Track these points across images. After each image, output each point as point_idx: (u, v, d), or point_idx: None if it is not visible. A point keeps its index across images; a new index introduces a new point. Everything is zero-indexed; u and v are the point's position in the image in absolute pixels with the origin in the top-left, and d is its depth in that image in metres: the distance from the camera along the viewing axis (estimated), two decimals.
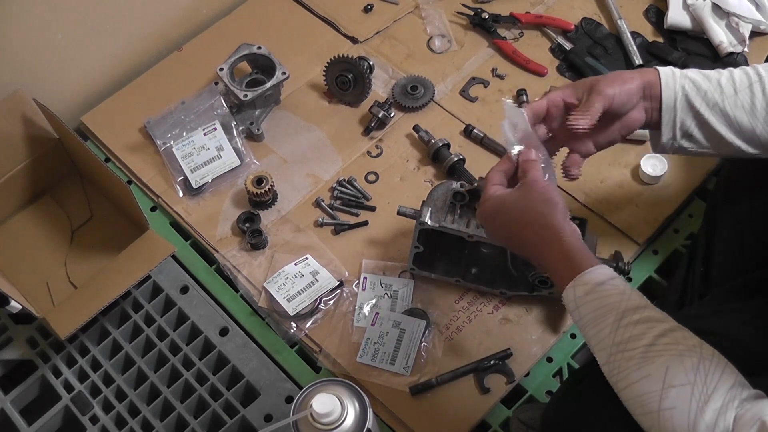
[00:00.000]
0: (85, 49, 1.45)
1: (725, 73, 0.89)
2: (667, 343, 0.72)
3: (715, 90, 0.88)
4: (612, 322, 0.75)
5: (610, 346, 0.74)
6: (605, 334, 0.75)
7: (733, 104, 0.87)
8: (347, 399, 0.88)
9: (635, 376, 0.71)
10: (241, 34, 1.50)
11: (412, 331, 1.16)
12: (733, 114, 0.88)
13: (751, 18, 1.41)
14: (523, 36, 1.50)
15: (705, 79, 0.89)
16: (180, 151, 1.35)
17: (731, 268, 1.04)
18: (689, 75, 0.89)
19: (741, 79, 0.88)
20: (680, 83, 0.89)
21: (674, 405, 0.68)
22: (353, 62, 1.38)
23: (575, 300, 0.79)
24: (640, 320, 0.74)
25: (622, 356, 0.73)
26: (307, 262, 1.24)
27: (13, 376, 1.22)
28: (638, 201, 1.28)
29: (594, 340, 0.76)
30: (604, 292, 0.77)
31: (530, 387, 1.14)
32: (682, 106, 0.89)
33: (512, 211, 0.87)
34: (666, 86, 0.89)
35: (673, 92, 0.89)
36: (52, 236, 1.34)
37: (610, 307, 0.76)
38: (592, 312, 0.77)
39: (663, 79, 0.89)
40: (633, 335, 0.73)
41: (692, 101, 0.88)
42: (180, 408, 1.16)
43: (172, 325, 1.24)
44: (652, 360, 0.71)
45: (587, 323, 0.77)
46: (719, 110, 0.88)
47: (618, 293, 0.77)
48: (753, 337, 0.82)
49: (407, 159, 1.36)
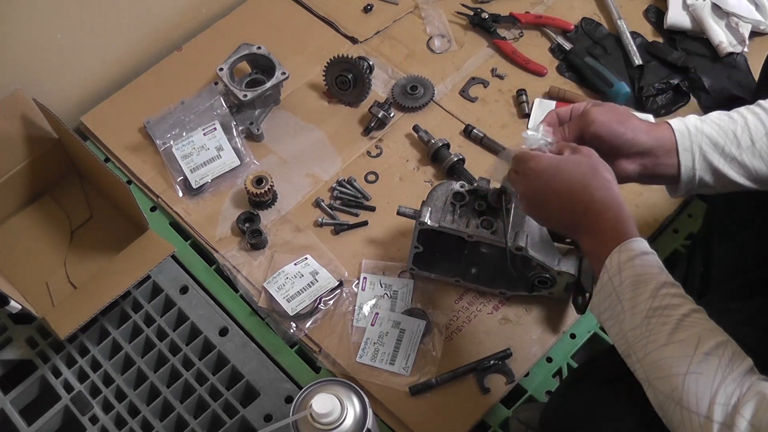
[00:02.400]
0: (85, 50, 1.45)
1: (739, 121, 0.88)
2: (699, 318, 0.74)
3: (732, 143, 0.88)
4: (653, 289, 0.76)
5: (648, 309, 0.76)
6: (644, 298, 0.76)
7: (751, 155, 0.87)
8: (347, 399, 0.88)
9: (670, 338, 0.73)
10: (241, 34, 1.50)
11: (412, 331, 1.16)
12: (752, 164, 0.88)
13: (751, 18, 1.41)
14: (522, 36, 1.50)
15: (721, 134, 0.88)
16: (180, 151, 1.35)
17: (731, 268, 1.04)
18: (705, 132, 0.88)
19: (756, 128, 0.88)
20: (697, 143, 0.88)
21: (701, 371, 0.70)
22: (353, 62, 1.38)
23: (619, 264, 0.80)
24: (677, 294, 0.76)
25: (658, 320, 0.75)
26: (306, 262, 1.24)
27: (12, 376, 1.22)
28: (638, 201, 1.28)
29: (630, 303, 0.77)
30: (647, 261, 0.79)
31: (530, 387, 1.14)
32: (701, 166, 0.89)
33: (577, 169, 0.86)
34: (683, 148, 0.88)
35: (691, 153, 0.88)
36: (52, 236, 1.34)
37: (651, 276, 0.78)
38: (634, 276, 0.78)
39: (679, 139, 0.89)
40: (671, 304, 0.75)
41: (710, 159, 0.88)
42: (180, 408, 1.16)
43: (171, 325, 1.24)
44: (686, 329, 0.73)
45: (627, 286, 0.78)
46: (738, 163, 0.88)
47: (659, 266, 0.79)
48: (753, 337, 0.82)
49: (407, 159, 1.36)
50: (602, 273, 0.81)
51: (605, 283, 0.81)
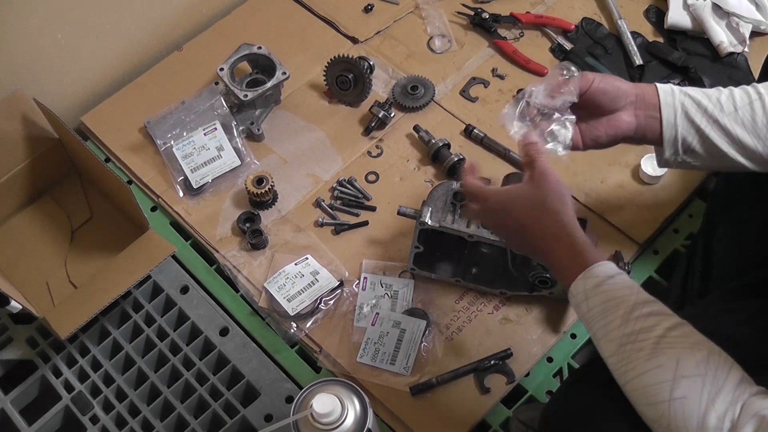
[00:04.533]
0: (85, 49, 1.45)
1: (725, 91, 0.90)
2: (677, 336, 0.72)
3: (714, 107, 0.88)
4: (623, 314, 0.75)
5: (620, 337, 0.74)
6: (615, 325, 0.75)
7: (733, 120, 0.88)
8: (347, 399, 0.88)
9: (646, 366, 0.72)
10: (242, 34, 1.50)
11: (413, 331, 1.16)
12: (734, 131, 0.88)
13: (751, 18, 1.41)
14: (523, 36, 1.50)
15: (704, 96, 0.89)
16: (180, 151, 1.35)
17: (731, 268, 1.04)
18: (689, 92, 0.90)
19: (741, 97, 0.88)
20: (679, 99, 0.89)
21: (685, 395, 0.68)
22: (353, 62, 1.38)
23: (584, 292, 0.79)
24: (651, 313, 0.75)
25: (633, 347, 0.73)
26: (307, 262, 1.24)
27: (13, 376, 1.22)
28: (638, 201, 1.28)
29: (602, 331, 0.76)
30: (614, 285, 0.78)
31: (530, 387, 1.14)
32: (683, 123, 0.89)
33: (524, 207, 0.87)
34: (665, 103, 0.89)
35: (673, 108, 0.89)
36: (52, 236, 1.34)
37: (620, 300, 0.76)
38: (602, 304, 0.77)
39: (662, 95, 0.90)
40: (644, 327, 0.73)
41: (692, 117, 0.89)
42: (180, 408, 1.16)
43: (172, 325, 1.24)
44: (663, 351, 0.71)
45: (596, 315, 0.78)
46: (720, 127, 0.88)
47: (627, 287, 0.78)
48: (752, 337, 0.83)
49: (407, 159, 1.36)
50: (570, 298, 0.82)
51: (576, 307, 0.81)
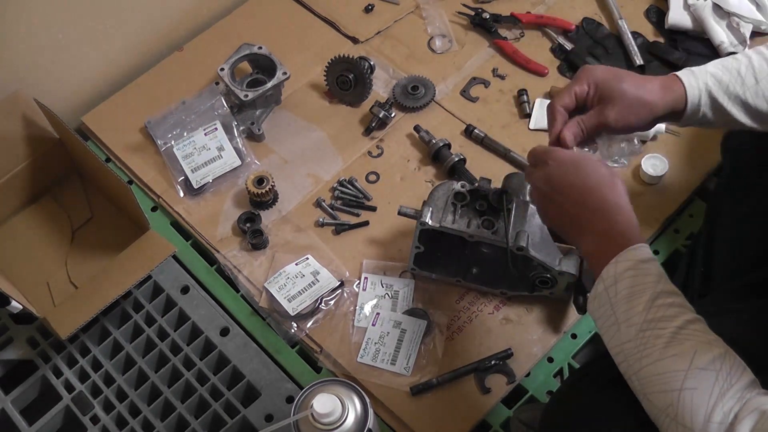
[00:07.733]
0: (86, 49, 1.45)
1: (743, 60, 0.91)
2: (696, 329, 0.73)
3: (735, 81, 0.90)
4: (647, 300, 0.75)
5: (642, 322, 0.75)
6: (638, 310, 0.75)
7: (754, 94, 0.90)
8: (348, 399, 0.88)
9: (663, 353, 0.72)
10: (242, 34, 1.50)
11: (413, 331, 1.16)
12: (755, 104, 0.90)
13: (752, 18, 1.41)
14: (523, 36, 1.50)
15: (725, 71, 0.91)
16: (181, 151, 1.35)
17: (732, 268, 1.04)
18: (710, 70, 0.92)
19: (761, 67, 0.90)
20: (703, 80, 0.91)
21: (697, 386, 0.69)
22: (354, 62, 1.38)
23: (615, 275, 0.79)
24: (674, 304, 0.75)
25: (653, 333, 0.73)
26: (307, 262, 1.24)
27: (13, 376, 1.22)
28: (639, 201, 1.27)
29: (624, 315, 0.77)
30: (644, 270, 0.78)
31: (531, 387, 1.14)
32: (706, 101, 0.91)
33: (593, 170, 0.87)
34: (690, 86, 0.91)
35: (698, 90, 0.91)
36: (53, 236, 1.34)
37: (647, 286, 0.77)
38: (629, 288, 0.77)
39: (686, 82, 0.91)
40: (665, 315, 0.74)
41: (715, 96, 0.91)
42: (180, 408, 1.16)
43: (172, 325, 1.24)
44: (681, 342, 0.72)
45: (621, 299, 0.78)
46: (740, 101, 0.91)
47: (656, 275, 0.78)
48: (753, 338, 0.83)
49: (408, 159, 1.36)
50: (598, 282, 0.81)
51: (600, 292, 0.80)
